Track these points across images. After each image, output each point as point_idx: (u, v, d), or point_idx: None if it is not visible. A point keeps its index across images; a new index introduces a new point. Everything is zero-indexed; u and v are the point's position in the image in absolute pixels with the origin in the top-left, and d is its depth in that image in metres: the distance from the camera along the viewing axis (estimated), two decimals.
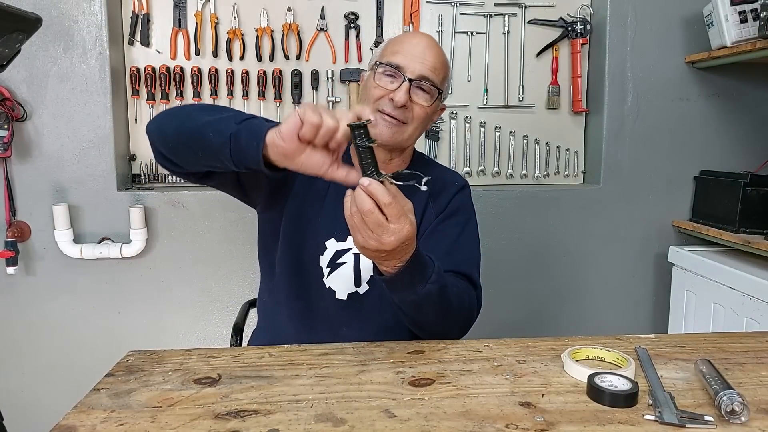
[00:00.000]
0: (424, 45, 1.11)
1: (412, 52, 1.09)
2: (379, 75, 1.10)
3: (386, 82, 1.09)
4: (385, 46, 1.15)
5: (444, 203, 1.18)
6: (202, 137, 0.91)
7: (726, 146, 2.17)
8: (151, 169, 2.04)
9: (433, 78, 1.10)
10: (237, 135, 0.87)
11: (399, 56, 1.09)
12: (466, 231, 1.18)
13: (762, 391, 0.81)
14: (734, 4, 1.86)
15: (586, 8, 2.14)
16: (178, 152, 0.98)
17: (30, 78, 1.86)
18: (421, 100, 1.10)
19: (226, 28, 2.01)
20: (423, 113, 1.11)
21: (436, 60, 1.11)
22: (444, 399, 0.77)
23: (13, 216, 1.89)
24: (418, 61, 1.09)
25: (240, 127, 0.87)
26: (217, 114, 0.94)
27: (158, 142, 1.00)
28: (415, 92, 1.09)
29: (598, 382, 0.77)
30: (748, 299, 1.69)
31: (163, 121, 1.01)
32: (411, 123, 1.11)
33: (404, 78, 1.08)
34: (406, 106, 1.08)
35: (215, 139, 0.89)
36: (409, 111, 1.09)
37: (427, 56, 1.10)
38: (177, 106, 1.03)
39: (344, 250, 1.14)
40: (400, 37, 1.15)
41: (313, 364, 0.89)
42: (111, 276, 1.96)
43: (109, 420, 0.71)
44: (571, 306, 2.19)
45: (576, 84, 2.16)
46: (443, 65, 1.13)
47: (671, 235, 2.18)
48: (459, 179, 1.25)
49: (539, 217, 2.11)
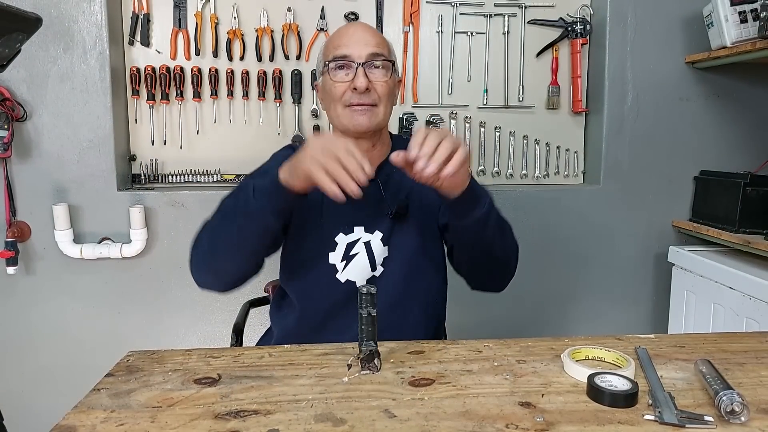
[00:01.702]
0: (360, 29, 1.15)
1: (353, 39, 1.13)
2: (333, 71, 1.13)
3: (341, 75, 1.13)
4: (326, 46, 1.18)
5: None
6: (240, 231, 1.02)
7: (726, 146, 2.17)
8: (151, 169, 2.04)
9: (381, 51, 1.13)
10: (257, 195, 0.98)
11: (342, 47, 1.12)
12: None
13: (762, 391, 0.81)
14: (734, 4, 1.86)
15: (586, 8, 2.14)
16: (233, 266, 1.08)
17: (30, 78, 1.86)
18: (379, 77, 1.13)
19: (226, 28, 2.01)
20: (386, 89, 1.14)
21: (377, 37, 1.15)
22: (444, 399, 0.77)
23: (13, 216, 1.89)
24: (361, 44, 1.12)
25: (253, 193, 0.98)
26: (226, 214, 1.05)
27: (214, 276, 1.10)
28: (371, 72, 1.12)
29: (598, 382, 0.77)
30: (748, 299, 1.69)
31: (202, 262, 1.09)
32: (380, 103, 1.14)
33: (356, 64, 1.11)
34: (369, 89, 1.11)
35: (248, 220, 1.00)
36: (373, 92, 1.12)
37: (367, 37, 1.13)
38: (195, 248, 1.10)
39: (354, 242, 1.16)
40: (335, 33, 1.18)
41: (313, 364, 0.89)
42: (111, 276, 1.96)
43: (109, 420, 0.71)
44: (571, 306, 2.19)
45: (576, 84, 2.16)
46: (384, 40, 1.17)
47: (671, 235, 2.18)
48: None
49: (539, 217, 2.11)
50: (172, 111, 2.03)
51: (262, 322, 1.37)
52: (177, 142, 2.04)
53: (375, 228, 1.17)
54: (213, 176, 2.06)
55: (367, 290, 0.85)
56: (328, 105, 1.18)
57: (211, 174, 2.06)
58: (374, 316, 0.85)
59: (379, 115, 1.14)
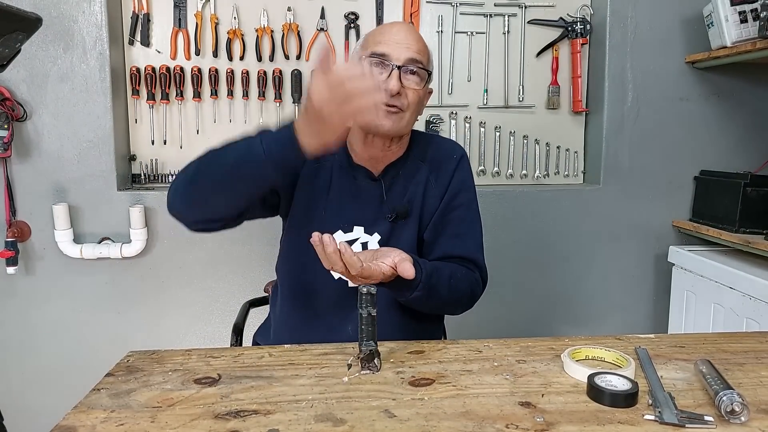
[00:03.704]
0: (405, 31, 1.12)
1: (395, 39, 1.10)
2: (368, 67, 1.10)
3: (376, 73, 1.10)
4: (366, 39, 1.15)
5: (445, 182, 1.20)
6: (235, 167, 0.95)
7: (726, 146, 2.17)
8: (151, 169, 2.04)
9: (420, 58, 1.11)
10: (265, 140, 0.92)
11: (382, 45, 1.10)
12: (470, 213, 1.22)
13: (762, 391, 0.81)
14: (734, 4, 1.86)
15: (586, 8, 2.14)
16: (212, 200, 1.01)
17: (30, 78, 1.86)
18: (412, 84, 1.11)
19: (226, 28, 2.01)
20: (416, 97, 1.12)
21: (419, 43, 1.13)
22: (444, 399, 0.77)
23: (13, 216, 1.89)
24: (402, 46, 1.10)
25: (261, 136, 0.92)
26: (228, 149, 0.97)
27: (188, 204, 1.04)
28: (405, 77, 1.10)
29: (598, 382, 0.77)
30: (748, 299, 1.69)
31: (182, 184, 1.04)
32: (407, 109, 1.12)
33: (393, 66, 1.09)
34: (400, 93, 1.09)
35: (248, 158, 0.92)
36: (403, 97, 1.10)
37: (410, 41, 1.11)
38: (182, 172, 1.05)
39: (352, 241, 1.16)
40: (379, 28, 1.16)
41: (313, 364, 0.89)
42: (111, 276, 1.96)
43: (109, 420, 0.71)
44: (571, 306, 2.19)
45: (576, 84, 2.16)
46: (426, 48, 1.15)
47: (671, 235, 2.18)
48: (456, 149, 1.26)
49: (539, 217, 2.11)
50: (172, 111, 2.03)
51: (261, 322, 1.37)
52: (177, 142, 2.04)
53: (374, 230, 1.17)
54: None
55: (367, 290, 0.85)
56: None
57: None
58: (374, 315, 0.85)
59: (403, 121, 1.12)
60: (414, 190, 1.18)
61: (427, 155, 1.22)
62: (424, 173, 1.19)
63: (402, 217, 1.17)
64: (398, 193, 1.18)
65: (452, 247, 1.17)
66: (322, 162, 1.16)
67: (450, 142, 1.29)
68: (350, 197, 1.17)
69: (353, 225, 1.16)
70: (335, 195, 1.17)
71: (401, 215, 1.17)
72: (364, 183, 1.17)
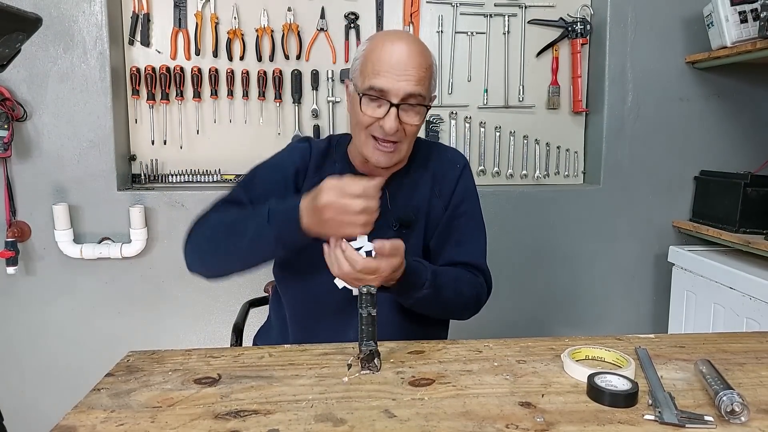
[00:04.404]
0: (404, 55, 1.05)
1: (394, 71, 1.04)
2: (365, 101, 1.07)
3: (372, 108, 1.07)
4: (364, 61, 1.09)
5: (448, 192, 1.20)
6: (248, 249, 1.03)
7: (726, 146, 2.17)
8: (151, 169, 2.04)
9: (420, 91, 1.06)
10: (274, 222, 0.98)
11: (381, 78, 1.05)
12: (473, 220, 1.22)
13: (762, 392, 0.81)
14: (734, 4, 1.86)
15: (586, 8, 2.14)
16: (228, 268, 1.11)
17: (30, 78, 1.86)
18: (411, 119, 1.08)
19: (226, 28, 2.01)
20: (415, 130, 1.11)
21: (419, 69, 1.06)
22: (444, 399, 0.77)
23: (13, 216, 1.89)
24: (401, 79, 1.04)
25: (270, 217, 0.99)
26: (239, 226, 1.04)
27: (207, 269, 1.13)
28: (404, 113, 1.07)
29: (598, 382, 0.77)
30: (748, 299, 1.69)
31: (198, 252, 1.11)
32: (405, 140, 1.10)
33: (390, 104, 1.05)
34: (397, 129, 1.07)
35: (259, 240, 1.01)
36: (401, 132, 1.08)
37: (409, 69, 1.05)
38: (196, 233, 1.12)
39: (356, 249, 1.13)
40: (378, 49, 1.07)
41: (313, 364, 0.89)
42: (111, 276, 1.96)
43: (109, 420, 0.71)
44: (571, 306, 2.19)
45: (576, 84, 2.16)
46: (427, 70, 1.08)
47: (671, 235, 2.18)
48: (458, 158, 1.25)
49: (539, 217, 2.11)
50: (172, 111, 2.03)
51: (261, 322, 1.37)
52: (177, 142, 2.04)
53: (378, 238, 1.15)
54: (213, 176, 2.06)
55: (367, 290, 0.85)
56: (354, 122, 1.14)
57: (211, 174, 2.06)
58: (374, 316, 0.85)
59: (401, 152, 1.11)
60: (418, 199, 1.18)
61: (430, 163, 1.21)
62: (427, 182, 1.19)
63: (407, 226, 1.16)
64: (402, 202, 1.17)
65: (456, 254, 1.17)
66: (324, 173, 1.15)
67: (452, 151, 1.29)
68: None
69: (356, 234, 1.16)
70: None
71: (406, 224, 1.16)
72: None
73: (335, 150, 1.21)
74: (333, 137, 1.26)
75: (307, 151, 1.19)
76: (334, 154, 1.21)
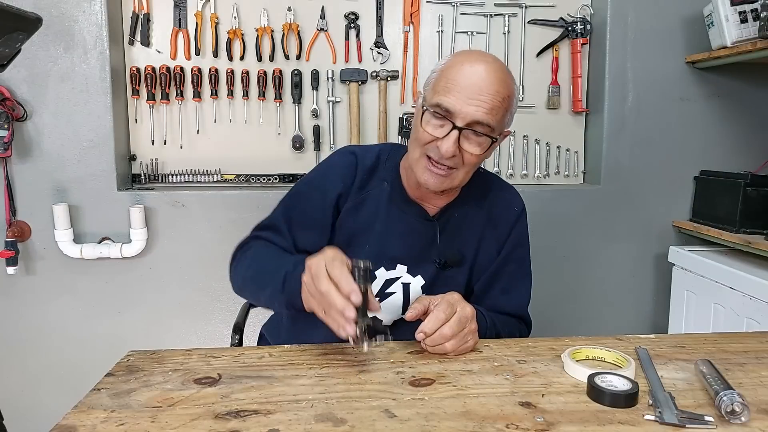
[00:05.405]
0: (481, 79, 0.97)
1: (466, 92, 0.96)
2: (428, 116, 1.00)
3: (434, 126, 0.99)
4: (439, 76, 1.01)
5: (504, 235, 1.16)
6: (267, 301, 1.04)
7: (726, 146, 2.17)
8: (151, 169, 2.04)
9: (489, 121, 0.97)
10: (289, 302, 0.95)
11: (450, 97, 0.97)
12: (522, 268, 1.18)
13: (762, 392, 0.81)
14: (734, 4, 1.86)
15: (586, 8, 2.14)
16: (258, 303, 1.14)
17: (30, 78, 1.86)
18: (471, 148, 0.99)
19: (226, 28, 2.01)
20: (474, 160, 1.01)
21: (494, 96, 0.97)
22: (444, 399, 0.77)
23: (13, 216, 1.89)
24: (472, 103, 0.96)
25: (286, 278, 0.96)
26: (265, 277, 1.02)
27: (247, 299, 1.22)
28: (465, 140, 0.99)
29: (598, 382, 0.77)
30: (749, 299, 1.69)
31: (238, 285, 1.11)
32: (461, 168, 1.02)
33: (453, 126, 0.97)
34: (455, 155, 0.99)
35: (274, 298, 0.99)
36: (458, 158, 1.00)
37: (483, 95, 0.96)
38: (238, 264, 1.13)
39: (393, 279, 1.10)
40: (456, 67, 1.00)
41: (313, 364, 0.89)
42: (111, 276, 1.96)
43: (109, 420, 0.71)
44: (571, 306, 2.18)
45: (576, 84, 2.16)
46: (504, 101, 0.99)
47: (671, 235, 2.18)
48: (517, 201, 1.20)
49: (539, 218, 2.10)
50: (172, 111, 2.03)
51: (261, 321, 1.36)
52: (177, 141, 2.04)
53: (418, 272, 1.10)
54: (213, 176, 2.06)
55: (364, 265, 0.84)
56: (413, 137, 1.06)
57: (211, 174, 2.06)
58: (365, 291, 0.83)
59: (454, 181, 1.03)
60: (469, 237, 1.12)
61: (486, 201, 1.15)
62: (481, 220, 1.13)
63: (453, 264, 1.11)
64: (451, 238, 1.11)
65: (502, 302, 1.13)
66: (369, 191, 1.10)
67: (512, 191, 1.22)
68: (398, 234, 1.09)
69: (396, 263, 1.09)
70: (381, 229, 1.09)
71: (452, 263, 1.10)
72: (416, 222, 1.10)
73: (384, 166, 1.13)
74: (384, 150, 1.16)
75: (353, 168, 1.11)
76: (382, 170, 1.13)
